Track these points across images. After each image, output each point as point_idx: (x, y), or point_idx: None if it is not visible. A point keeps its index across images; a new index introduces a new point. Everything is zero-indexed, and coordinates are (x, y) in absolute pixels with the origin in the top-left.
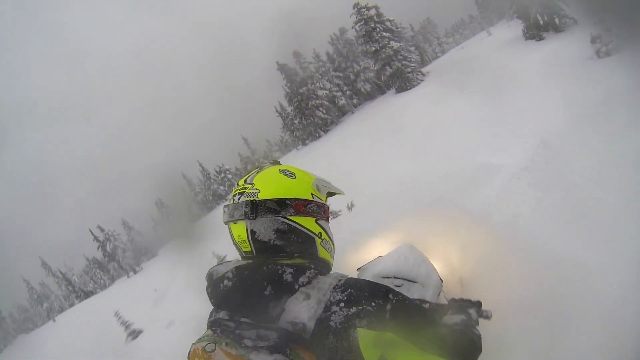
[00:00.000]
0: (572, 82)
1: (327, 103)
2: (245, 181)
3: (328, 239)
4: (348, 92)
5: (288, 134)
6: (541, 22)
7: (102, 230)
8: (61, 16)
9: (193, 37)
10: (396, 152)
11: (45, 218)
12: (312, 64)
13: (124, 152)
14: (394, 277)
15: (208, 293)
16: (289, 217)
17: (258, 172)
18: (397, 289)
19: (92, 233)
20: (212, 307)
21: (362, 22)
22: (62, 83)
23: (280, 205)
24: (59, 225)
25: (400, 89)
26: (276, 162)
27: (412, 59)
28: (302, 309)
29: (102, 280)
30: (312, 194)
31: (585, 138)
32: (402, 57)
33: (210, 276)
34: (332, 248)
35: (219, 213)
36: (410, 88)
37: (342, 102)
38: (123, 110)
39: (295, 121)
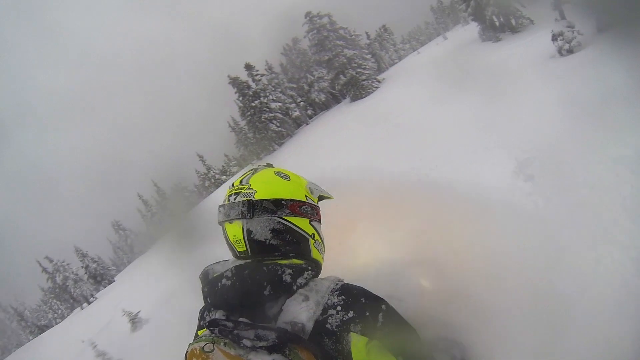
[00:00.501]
0: (540, 81)
1: (280, 115)
2: (240, 182)
3: (320, 240)
4: (302, 103)
5: (242, 148)
6: (497, 23)
7: (50, 261)
8: (59, 16)
9: (145, 58)
10: (355, 162)
11: None
12: (265, 76)
13: (73, 175)
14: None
15: (204, 292)
16: (284, 217)
17: (253, 174)
18: None
19: (40, 265)
20: (203, 307)
21: (315, 31)
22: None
23: (276, 205)
24: (8, 257)
25: (355, 97)
26: (269, 165)
27: (367, 67)
28: (301, 310)
29: (60, 310)
30: (305, 196)
31: (565, 137)
32: (356, 65)
33: (205, 275)
34: (324, 249)
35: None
36: (366, 96)
37: (296, 113)
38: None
39: (249, 135)
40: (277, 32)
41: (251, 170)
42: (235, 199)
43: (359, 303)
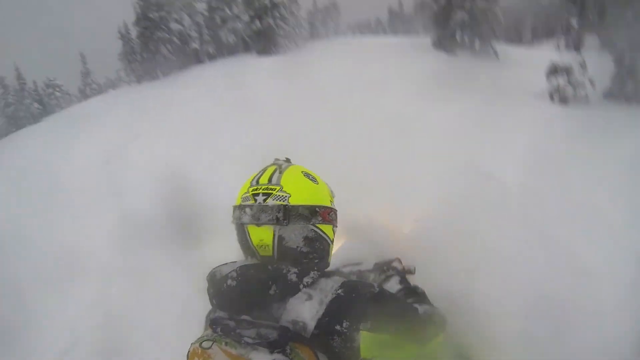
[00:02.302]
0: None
1: (177, 41)
2: (269, 180)
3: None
4: (207, 37)
5: (125, 64)
6: (459, 38)
7: None
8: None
9: None
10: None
11: None
12: None
13: None
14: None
15: (210, 294)
16: (317, 225)
17: (280, 173)
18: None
19: None
20: (210, 309)
21: None
22: None
23: (311, 213)
24: None
25: (263, 52)
26: (288, 160)
27: (291, 23)
28: (304, 309)
29: None
30: (330, 201)
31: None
32: (278, 15)
33: (212, 276)
34: None
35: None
36: (275, 54)
37: (195, 46)
38: None
39: (137, 50)
40: None
41: (275, 165)
42: (264, 200)
43: (365, 300)
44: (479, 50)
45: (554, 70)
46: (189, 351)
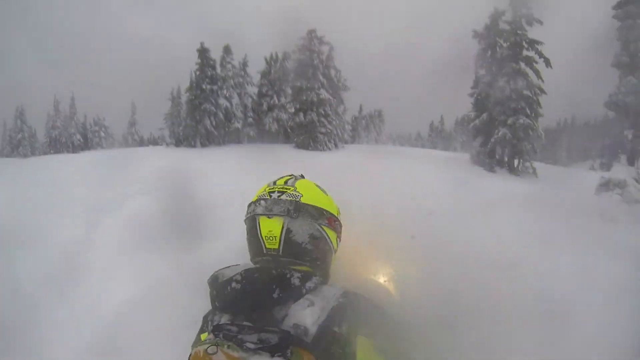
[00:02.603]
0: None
1: (222, 117)
2: (285, 182)
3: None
4: (251, 120)
5: (169, 125)
6: (497, 155)
7: None
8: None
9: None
10: None
11: None
12: (235, 70)
13: None
14: None
15: (212, 296)
16: (322, 227)
17: (295, 179)
18: None
19: None
20: (208, 311)
21: (307, 52)
22: None
23: (318, 213)
24: None
25: (301, 145)
26: (302, 176)
27: (334, 122)
28: (306, 314)
29: None
30: (337, 213)
31: None
32: (323, 112)
33: (215, 279)
34: None
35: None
36: (313, 149)
37: (238, 126)
38: None
39: (183, 115)
40: (278, 37)
41: (291, 175)
42: (279, 196)
43: (364, 308)
44: (518, 168)
45: (606, 185)
46: (190, 355)
